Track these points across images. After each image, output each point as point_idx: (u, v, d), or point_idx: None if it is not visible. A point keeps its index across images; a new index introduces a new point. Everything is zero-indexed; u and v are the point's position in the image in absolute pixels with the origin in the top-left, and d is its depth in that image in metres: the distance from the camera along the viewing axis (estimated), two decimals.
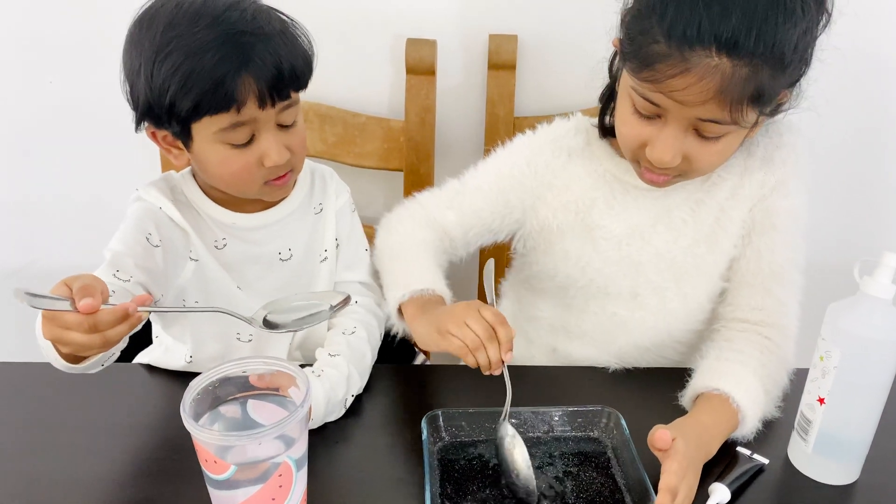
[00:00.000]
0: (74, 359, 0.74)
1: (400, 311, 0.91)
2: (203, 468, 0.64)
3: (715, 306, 0.98)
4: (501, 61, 1.23)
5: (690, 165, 0.86)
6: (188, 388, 0.65)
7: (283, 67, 0.81)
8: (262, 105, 0.81)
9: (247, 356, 0.68)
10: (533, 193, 1.01)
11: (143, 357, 0.99)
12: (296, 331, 0.78)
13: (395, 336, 0.95)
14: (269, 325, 0.77)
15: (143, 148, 1.31)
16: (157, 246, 0.86)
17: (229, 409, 0.68)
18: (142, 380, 0.94)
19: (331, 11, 1.23)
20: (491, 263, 0.92)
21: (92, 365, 0.77)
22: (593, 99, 1.02)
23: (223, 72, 0.78)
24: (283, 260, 0.96)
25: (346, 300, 0.78)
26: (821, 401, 0.77)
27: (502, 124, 1.27)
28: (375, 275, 1.04)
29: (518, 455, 0.77)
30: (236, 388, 0.68)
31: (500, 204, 1.02)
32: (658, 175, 0.89)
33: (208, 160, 0.85)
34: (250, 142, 0.83)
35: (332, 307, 0.78)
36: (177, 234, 0.90)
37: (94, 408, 0.88)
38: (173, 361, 0.95)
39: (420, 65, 1.23)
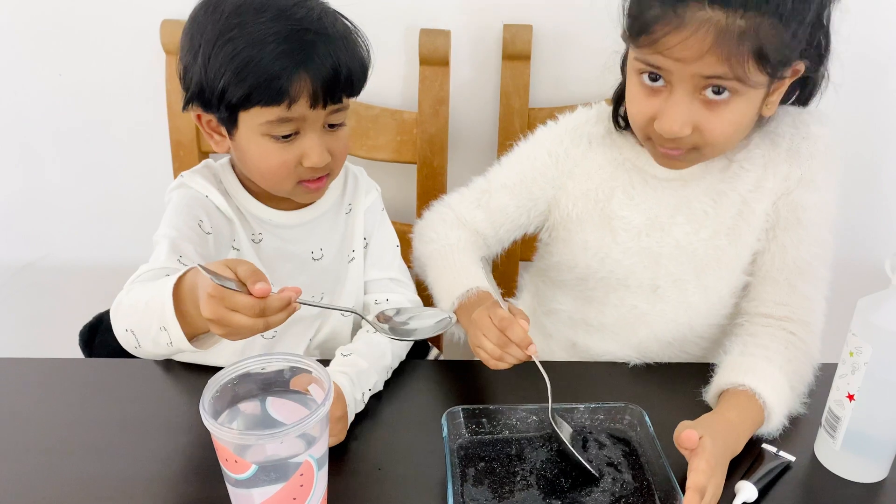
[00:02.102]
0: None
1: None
2: (223, 467, 0.63)
3: (737, 301, 0.97)
4: (516, 52, 1.21)
5: (703, 137, 0.84)
6: (207, 386, 0.63)
7: (340, 70, 0.81)
8: (313, 105, 0.81)
9: (266, 353, 0.67)
10: (555, 184, 1.00)
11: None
12: (427, 337, 0.78)
13: None
14: (398, 332, 0.76)
15: (155, 142, 1.31)
16: (208, 233, 0.86)
17: (248, 407, 0.67)
18: (167, 377, 0.93)
19: (343, 1, 1.21)
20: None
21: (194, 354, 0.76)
22: (610, 90, 1.00)
23: (281, 66, 0.78)
24: (314, 259, 0.95)
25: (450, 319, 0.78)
26: (850, 397, 0.76)
27: (517, 116, 1.25)
28: (406, 271, 1.04)
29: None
30: (255, 385, 0.67)
31: (525, 198, 1.02)
32: (671, 149, 0.87)
33: (249, 151, 0.84)
34: (293, 138, 0.83)
35: (450, 318, 0.78)
36: (223, 222, 0.90)
37: (123, 405, 0.87)
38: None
39: (434, 55, 1.21)
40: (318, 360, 0.67)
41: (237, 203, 0.92)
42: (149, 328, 0.71)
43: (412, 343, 0.98)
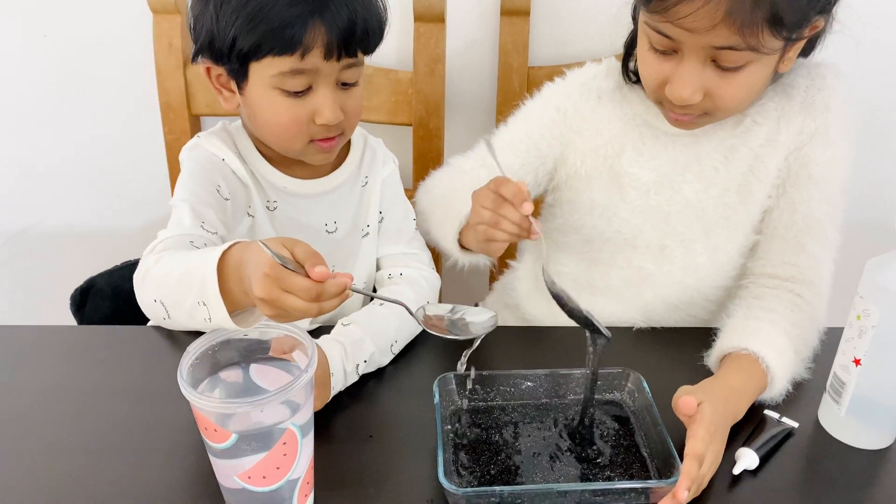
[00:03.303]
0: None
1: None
2: (203, 437, 0.61)
3: (745, 262, 0.94)
4: (514, 7, 1.17)
5: (714, 103, 0.81)
6: (185, 353, 0.61)
7: (356, 22, 0.78)
8: (327, 57, 0.78)
9: None
10: (563, 140, 0.97)
11: None
12: (479, 335, 0.73)
13: None
14: (452, 329, 0.73)
15: (145, 104, 1.28)
16: (227, 199, 0.84)
17: (230, 374, 0.65)
18: (158, 343, 0.90)
19: None
20: None
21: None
22: (613, 47, 0.97)
23: (295, 14, 0.75)
24: (328, 232, 0.93)
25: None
26: (856, 362, 0.73)
27: (516, 75, 1.21)
28: (423, 245, 1.01)
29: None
30: (237, 352, 0.65)
31: (533, 156, 0.98)
32: (682, 115, 0.84)
33: (260, 106, 0.81)
34: (306, 94, 0.80)
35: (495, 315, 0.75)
36: (239, 187, 0.87)
37: (112, 372, 0.85)
38: None
39: (429, 12, 1.16)
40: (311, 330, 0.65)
41: (252, 168, 0.89)
42: (182, 301, 0.67)
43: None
